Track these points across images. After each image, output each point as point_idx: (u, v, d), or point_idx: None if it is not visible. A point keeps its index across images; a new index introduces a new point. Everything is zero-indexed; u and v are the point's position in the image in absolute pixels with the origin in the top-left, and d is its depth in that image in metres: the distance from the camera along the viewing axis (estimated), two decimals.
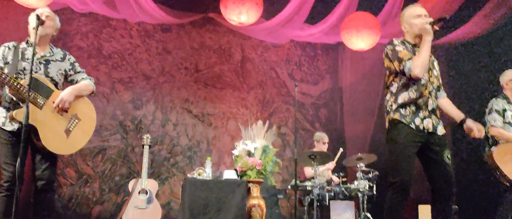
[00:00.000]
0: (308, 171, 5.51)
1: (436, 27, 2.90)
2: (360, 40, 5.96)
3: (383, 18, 6.27)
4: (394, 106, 2.94)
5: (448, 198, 2.86)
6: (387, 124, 3.02)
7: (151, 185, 4.36)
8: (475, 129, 2.98)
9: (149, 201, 4.27)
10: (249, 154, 4.37)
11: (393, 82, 3.00)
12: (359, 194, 4.86)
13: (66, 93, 3.08)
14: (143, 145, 4.41)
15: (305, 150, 6.04)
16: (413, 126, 2.85)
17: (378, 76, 7.03)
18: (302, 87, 7.21)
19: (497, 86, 4.61)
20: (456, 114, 3.09)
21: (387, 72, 3.08)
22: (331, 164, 5.51)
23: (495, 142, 4.24)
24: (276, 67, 7.13)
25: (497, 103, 4.25)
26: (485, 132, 4.09)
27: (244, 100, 6.85)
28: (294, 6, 6.01)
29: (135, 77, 6.30)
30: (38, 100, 2.96)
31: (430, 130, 2.88)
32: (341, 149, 5.63)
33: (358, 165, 5.01)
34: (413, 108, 2.90)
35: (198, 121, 6.56)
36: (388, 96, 3.03)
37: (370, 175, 4.98)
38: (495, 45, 6.04)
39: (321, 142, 5.64)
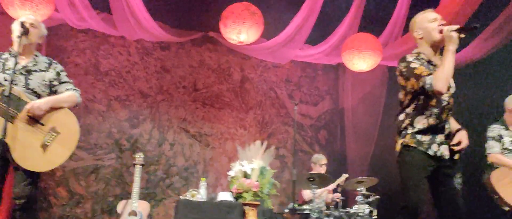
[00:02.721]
0: (307, 194, 5.36)
1: (462, 35, 2.64)
2: (361, 61, 5.90)
3: (385, 39, 6.22)
4: (410, 130, 2.71)
5: None
6: (398, 146, 2.78)
7: (142, 206, 4.20)
8: (457, 139, 2.75)
9: None
10: (246, 175, 4.25)
11: (410, 103, 2.75)
12: None
13: (39, 101, 2.87)
14: (135, 164, 4.27)
15: (304, 172, 5.88)
16: (430, 152, 2.66)
17: (379, 98, 6.96)
18: (302, 108, 7.11)
19: (498, 110, 4.52)
20: (453, 125, 2.88)
21: (402, 91, 2.82)
22: (331, 186, 5.35)
23: (494, 169, 4.14)
24: (276, 87, 7.04)
25: (491, 130, 4.22)
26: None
27: (243, 121, 6.73)
28: (295, 26, 5.97)
29: (132, 95, 6.20)
30: (9, 113, 2.71)
31: (445, 157, 2.70)
32: (345, 176, 5.41)
33: (358, 189, 4.86)
34: (431, 134, 2.69)
35: (195, 141, 6.43)
36: (402, 117, 2.78)
37: (371, 199, 4.82)
38: (495, 69, 5.96)
39: (318, 164, 5.50)
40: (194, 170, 6.33)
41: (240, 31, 5.36)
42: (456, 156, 2.76)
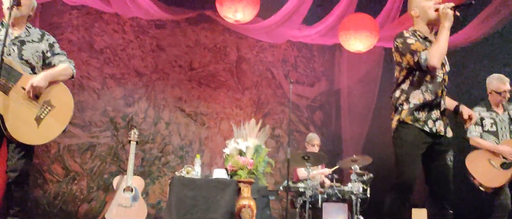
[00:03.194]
0: (301, 172, 5.38)
1: (457, 13, 2.65)
2: (358, 41, 5.87)
3: (382, 20, 6.18)
4: (406, 106, 2.71)
5: (445, 201, 2.71)
6: (394, 123, 2.77)
7: (137, 182, 4.20)
8: (466, 113, 2.81)
9: (134, 199, 4.10)
10: (241, 153, 4.23)
11: (405, 79, 2.76)
12: (353, 197, 4.73)
13: (37, 79, 2.83)
14: (130, 141, 4.25)
15: (299, 151, 5.90)
16: (426, 128, 2.67)
17: (375, 80, 6.96)
18: (298, 88, 7.10)
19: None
20: (449, 103, 2.91)
21: (397, 68, 2.82)
22: (327, 171, 5.37)
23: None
24: (272, 67, 7.02)
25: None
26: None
27: (239, 101, 6.72)
28: (291, 5, 5.91)
29: (127, 73, 6.17)
30: (3, 84, 2.70)
31: (442, 133, 2.72)
32: (337, 166, 5.40)
33: (352, 167, 4.88)
34: (427, 110, 2.70)
35: (191, 120, 6.43)
36: (398, 93, 2.78)
37: (365, 178, 4.85)
38: (493, 50, 5.95)
39: (310, 144, 5.50)
40: (190, 149, 6.34)
41: (236, 10, 5.30)
42: (450, 133, 2.79)
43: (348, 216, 4.68)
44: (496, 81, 4.17)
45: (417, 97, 2.70)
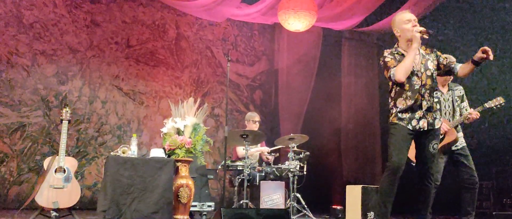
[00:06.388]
0: (240, 151, 5.43)
1: (425, 36, 3.18)
2: (297, 21, 5.94)
3: (320, 0, 6.29)
4: (394, 110, 3.31)
5: (427, 179, 3.30)
6: (389, 121, 3.39)
7: (70, 163, 4.05)
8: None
9: (66, 180, 3.96)
10: (179, 132, 4.21)
11: (391, 89, 3.36)
12: (290, 175, 4.85)
13: None
14: (61, 120, 4.09)
15: (238, 129, 5.96)
16: (410, 126, 3.23)
17: (313, 60, 7.11)
18: (238, 68, 7.11)
19: None
20: (469, 64, 3.29)
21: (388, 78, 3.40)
22: (265, 149, 5.44)
23: None
24: (212, 46, 6.97)
25: None
26: None
27: (178, 79, 6.64)
28: None
29: (60, 49, 5.89)
30: None
31: (425, 129, 3.25)
32: (276, 147, 5.50)
33: (289, 145, 4.99)
34: (410, 112, 3.25)
35: (128, 99, 6.28)
36: (390, 99, 3.39)
37: (301, 155, 4.98)
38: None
39: (251, 121, 5.53)
40: (128, 129, 6.21)
41: None
42: (438, 125, 3.32)
43: (285, 193, 4.80)
44: None
45: (401, 103, 3.29)
